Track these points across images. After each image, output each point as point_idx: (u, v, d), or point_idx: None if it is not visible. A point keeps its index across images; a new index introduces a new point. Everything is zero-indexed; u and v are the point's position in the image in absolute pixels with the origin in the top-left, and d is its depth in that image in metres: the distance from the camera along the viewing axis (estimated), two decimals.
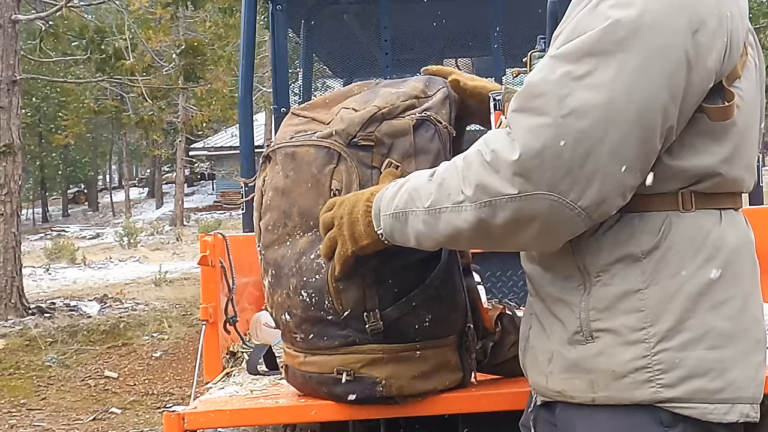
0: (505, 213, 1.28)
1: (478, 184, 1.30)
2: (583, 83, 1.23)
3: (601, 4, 1.27)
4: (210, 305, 2.39)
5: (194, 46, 12.69)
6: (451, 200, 1.34)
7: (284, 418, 2.06)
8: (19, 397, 7.08)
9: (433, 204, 1.37)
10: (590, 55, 1.24)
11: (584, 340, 1.37)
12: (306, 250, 1.82)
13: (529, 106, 1.26)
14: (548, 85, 1.25)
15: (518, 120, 1.27)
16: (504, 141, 1.27)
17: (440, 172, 1.40)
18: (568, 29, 1.30)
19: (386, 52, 4.00)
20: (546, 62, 1.28)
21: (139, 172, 47.63)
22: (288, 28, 4.22)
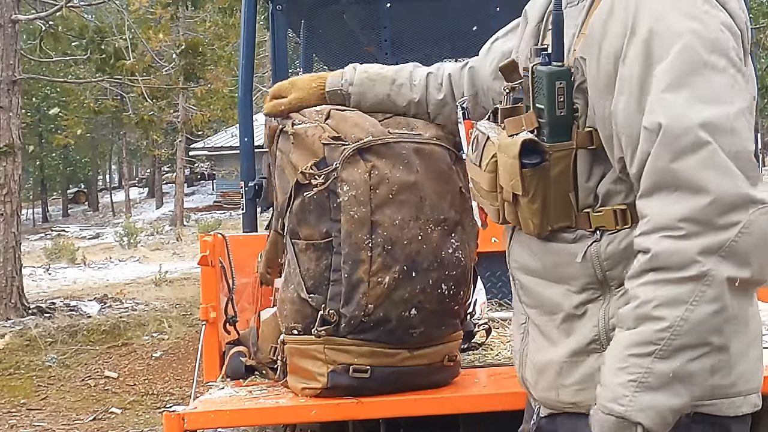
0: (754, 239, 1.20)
1: (701, 251, 1.18)
2: (699, 101, 1.21)
3: (669, 14, 1.25)
4: (210, 305, 2.39)
5: (194, 46, 12.67)
6: (671, 316, 1.19)
7: (284, 418, 2.06)
8: (19, 397, 7.08)
9: (659, 337, 1.21)
10: (695, 73, 1.22)
11: (600, 348, 1.36)
12: (441, 245, 1.95)
13: (677, 148, 1.20)
14: (679, 121, 1.21)
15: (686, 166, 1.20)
16: (691, 201, 1.19)
17: (627, 314, 1.25)
18: (641, 56, 1.26)
19: (386, 52, 4.01)
20: (660, 99, 1.23)
21: (139, 172, 47.62)
22: (288, 28, 4.22)
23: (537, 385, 1.48)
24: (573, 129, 1.35)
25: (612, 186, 1.36)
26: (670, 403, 1.21)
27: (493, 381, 2.19)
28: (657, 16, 1.27)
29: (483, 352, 2.52)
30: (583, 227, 1.38)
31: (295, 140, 1.95)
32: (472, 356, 2.46)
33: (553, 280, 1.43)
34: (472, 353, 2.50)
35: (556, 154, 1.35)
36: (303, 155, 1.94)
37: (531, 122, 1.37)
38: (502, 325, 2.89)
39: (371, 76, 2.00)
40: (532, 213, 1.38)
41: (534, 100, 1.37)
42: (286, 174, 1.98)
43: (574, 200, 1.37)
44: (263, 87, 18.39)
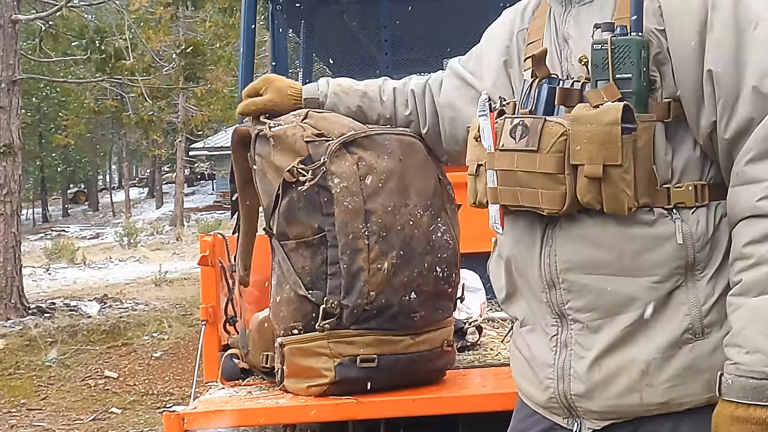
0: None
1: None
2: None
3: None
4: (210, 305, 2.40)
5: (194, 46, 12.67)
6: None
7: (284, 418, 2.06)
8: (19, 397, 7.08)
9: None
10: None
11: (694, 338, 1.34)
12: (431, 229, 2.01)
13: None
14: None
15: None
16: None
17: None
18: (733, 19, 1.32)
19: (386, 52, 4.01)
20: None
21: (139, 172, 47.61)
22: (288, 28, 4.23)
23: (602, 394, 1.39)
24: (650, 101, 1.36)
25: (688, 161, 1.37)
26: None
27: (493, 381, 2.19)
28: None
29: (483, 352, 2.52)
30: (662, 204, 1.36)
31: (276, 142, 1.97)
32: (472, 356, 2.46)
33: (629, 272, 1.37)
34: (472, 353, 2.50)
35: (641, 125, 1.34)
36: (286, 155, 1.96)
37: (613, 93, 1.34)
38: (501, 325, 2.89)
39: (344, 89, 2.08)
40: (627, 184, 1.32)
41: (615, 71, 1.35)
42: (268, 177, 1.99)
43: (656, 174, 1.36)
44: None
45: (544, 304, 1.45)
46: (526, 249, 1.46)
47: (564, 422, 1.45)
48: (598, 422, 1.41)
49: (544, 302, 1.44)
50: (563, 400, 1.42)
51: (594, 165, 1.32)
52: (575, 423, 1.43)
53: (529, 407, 1.52)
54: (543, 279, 1.43)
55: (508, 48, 1.64)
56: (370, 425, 2.21)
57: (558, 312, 1.43)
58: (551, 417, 1.47)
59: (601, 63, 1.37)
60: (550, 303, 1.44)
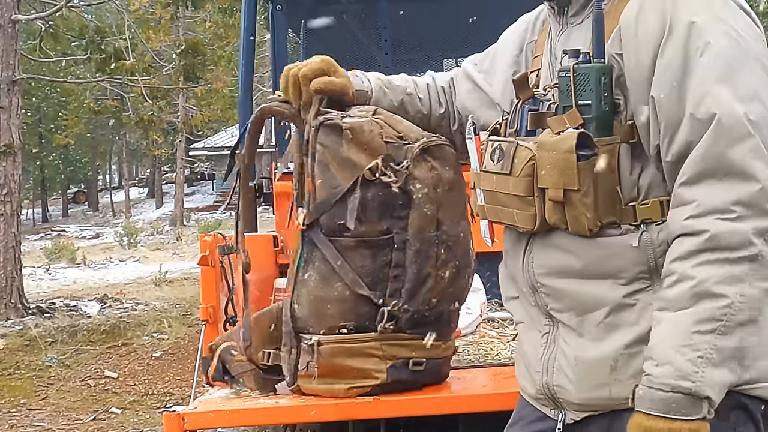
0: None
1: (741, 256, 1.27)
2: (743, 96, 1.31)
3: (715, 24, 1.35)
4: (210, 305, 2.39)
5: (194, 46, 12.67)
6: (733, 291, 1.28)
7: (284, 418, 2.06)
8: (19, 397, 7.07)
9: (718, 314, 1.28)
10: (736, 70, 1.32)
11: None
12: (470, 240, 2.05)
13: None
14: (732, 112, 1.30)
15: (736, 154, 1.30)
16: (743, 187, 1.29)
17: (685, 284, 1.31)
18: (679, 58, 1.35)
19: (386, 52, 4.00)
20: (708, 91, 1.32)
21: (139, 172, 47.61)
22: (288, 28, 4.22)
23: (579, 387, 1.46)
24: (615, 124, 1.42)
25: (654, 178, 1.42)
26: (729, 379, 1.29)
27: (493, 381, 2.19)
28: (694, 13, 1.37)
29: (483, 352, 2.52)
30: (629, 221, 1.42)
31: (353, 135, 1.91)
32: (472, 356, 2.46)
33: (596, 276, 1.44)
34: (472, 353, 2.50)
35: (603, 148, 1.40)
36: (359, 151, 1.91)
37: (575, 119, 1.42)
38: (501, 325, 2.89)
39: (385, 83, 2.00)
40: (586, 207, 1.40)
41: (577, 98, 1.42)
42: (331, 169, 1.93)
43: (620, 194, 1.41)
44: (263, 87, 18.39)
45: (534, 306, 1.54)
46: (515, 256, 1.57)
47: (551, 413, 1.54)
48: (578, 413, 1.49)
49: (533, 305, 1.54)
50: (547, 392, 1.51)
51: (556, 189, 1.41)
52: (560, 413, 1.51)
53: (525, 399, 1.62)
54: (528, 283, 1.54)
55: (518, 58, 1.71)
56: (370, 425, 2.20)
57: (546, 312, 1.52)
58: (541, 408, 1.56)
59: (565, 89, 1.45)
60: (538, 305, 1.53)
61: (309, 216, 1.94)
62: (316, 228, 1.94)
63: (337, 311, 1.94)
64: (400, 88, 1.99)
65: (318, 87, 1.91)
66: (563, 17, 1.56)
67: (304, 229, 1.96)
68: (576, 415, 1.49)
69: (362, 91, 1.97)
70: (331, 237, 1.93)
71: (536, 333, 1.54)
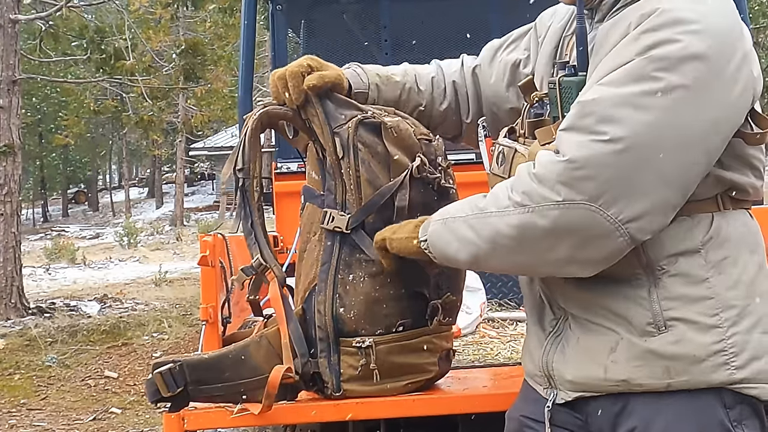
0: (546, 220, 1.37)
1: (524, 191, 1.40)
2: (630, 104, 1.33)
3: (643, 38, 1.37)
4: (210, 305, 2.39)
5: (194, 46, 12.68)
6: (498, 205, 1.45)
7: (284, 418, 2.06)
8: (19, 397, 7.08)
9: (483, 209, 1.47)
10: (637, 79, 1.35)
11: (657, 331, 1.44)
12: None
13: (578, 124, 1.37)
14: (597, 105, 1.36)
15: (567, 137, 1.38)
16: (552, 156, 1.38)
17: (494, 188, 1.50)
18: (612, 58, 1.40)
19: (386, 52, 4.00)
20: (594, 88, 1.39)
21: (139, 172, 47.62)
22: (288, 28, 4.22)
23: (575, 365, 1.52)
24: None
25: None
26: None
27: (493, 381, 2.19)
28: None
29: (483, 352, 2.52)
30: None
31: (395, 133, 1.89)
32: (472, 356, 2.46)
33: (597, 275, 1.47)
34: (472, 353, 2.50)
35: None
36: (396, 149, 1.89)
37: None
38: (502, 325, 2.89)
39: (383, 80, 1.97)
40: None
41: (563, 110, 1.48)
42: (373, 168, 1.89)
43: None
44: (263, 87, 18.39)
45: (544, 299, 1.61)
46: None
47: (544, 392, 1.59)
48: (570, 393, 1.53)
49: (543, 297, 1.61)
50: (545, 369, 1.57)
51: None
52: (552, 392, 1.57)
53: (526, 381, 1.69)
54: (537, 280, 1.61)
55: (557, 51, 1.71)
56: (370, 425, 2.20)
57: (557, 304, 1.58)
58: (535, 386, 1.63)
59: (554, 100, 1.51)
60: (547, 296, 1.60)
61: (355, 218, 1.88)
62: (359, 229, 1.89)
63: (394, 310, 1.91)
64: (399, 84, 1.97)
65: (312, 83, 1.85)
66: (591, 21, 1.58)
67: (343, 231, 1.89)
68: (567, 395, 1.54)
69: (361, 91, 1.94)
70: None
71: (545, 319, 1.60)
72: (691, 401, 1.43)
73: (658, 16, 1.38)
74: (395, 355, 1.92)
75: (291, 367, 1.91)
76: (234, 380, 1.93)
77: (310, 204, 1.98)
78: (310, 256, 1.96)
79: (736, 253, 1.47)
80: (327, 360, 1.92)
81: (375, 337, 1.90)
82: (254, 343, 1.97)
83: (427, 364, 1.97)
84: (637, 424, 1.45)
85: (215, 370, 1.93)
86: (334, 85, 1.89)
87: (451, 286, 1.98)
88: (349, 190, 1.89)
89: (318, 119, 1.90)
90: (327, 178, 1.93)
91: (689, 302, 1.43)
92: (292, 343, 1.92)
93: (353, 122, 1.88)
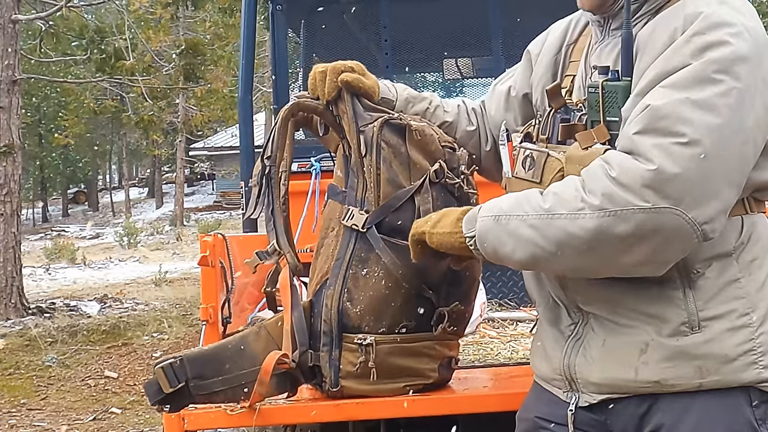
0: (629, 224, 1.36)
1: (604, 194, 1.37)
2: (702, 107, 1.35)
3: (695, 40, 1.40)
4: (210, 305, 2.39)
5: (194, 46, 12.68)
6: (568, 207, 1.41)
7: (284, 418, 2.06)
8: (19, 397, 7.08)
9: (549, 210, 1.42)
10: (702, 82, 1.37)
11: (690, 330, 1.46)
12: None
13: (655, 127, 1.37)
14: (670, 108, 1.36)
15: (645, 141, 1.37)
16: (632, 160, 1.37)
17: (552, 188, 1.46)
18: (665, 61, 1.42)
19: (386, 52, 4.00)
20: (659, 91, 1.39)
21: (139, 172, 47.59)
22: (288, 28, 4.22)
23: (602, 366, 1.51)
24: None
25: None
26: None
27: (493, 381, 2.19)
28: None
29: (483, 352, 2.52)
30: None
31: (420, 136, 1.91)
32: (472, 356, 2.46)
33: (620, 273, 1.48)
34: (472, 353, 2.50)
35: None
36: (419, 153, 1.91)
37: (603, 135, 1.47)
38: (502, 325, 2.89)
39: (412, 95, 2.02)
40: None
41: (605, 114, 1.48)
42: (395, 168, 1.91)
43: None
44: (263, 87, 18.41)
45: (561, 303, 1.60)
46: None
47: (564, 396, 1.58)
48: (594, 395, 1.53)
49: (560, 301, 1.60)
50: (566, 372, 1.56)
51: None
52: (573, 396, 1.56)
53: (538, 384, 1.67)
54: (556, 283, 1.60)
55: (556, 57, 1.75)
56: (370, 425, 2.21)
57: (576, 307, 1.57)
58: (553, 390, 1.61)
59: (594, 105, 1.50)
60: (561, 299, 1.59)
61: (372, 218, 1.90)
62: (374, 228, 1.90)
63: (399, 311, 1.92)
64: (427, 100, 2.02)
65: (347, 79, 1.90)
66: (606, 28, 1.59)
67: (360, 228, 1.91)
68: (591, 397, 1.53)
69: (388, 99, 1.98)
70: (391, 237, 1.89)
71: (561, 322, 1.60)
72: (720, 400, 1.45)
73: (704, 19, 1.41)
74: (395, 357, 1.92)
75: (288, 354, 1.90)
76: (234, 372, 1.93)
77: (332, 201, 2.02)
78: (326, 251, 1.99)
79: (763, 255, 1.51)
80: (328, 354, 1.93)
81: (377, 335, 1.90)
82: (253, 333, 1.98)
83: (427, 369, 1.96)
84: (664, 422, 1.46)
85: (215, 361, 1.94)
86: (367, 93, 1.93)
87: (462, 296, 1.98)
88: (369, 188, 1.91)
89: (347, 116, 1.93)
90: (350, 175, 1.97)
91: (723, 302, 1.46)
92: (293, 332, 1.92)
93: (379, 122, 1.92)
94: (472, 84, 4.98)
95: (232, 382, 1.93)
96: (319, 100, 1.95)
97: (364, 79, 1.92)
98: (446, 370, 2.02)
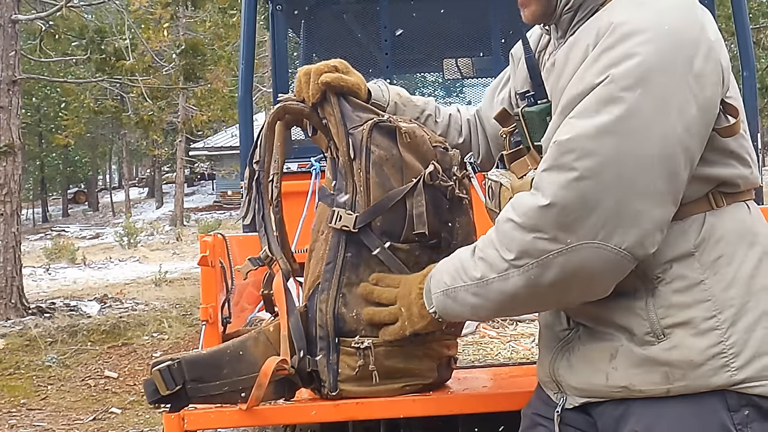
0: (554, 270, 1.36)
1: (519, 249, 1.38)
2: (606, 132, 1.31)
3: (602, 58, 1.36)
4: (210, 305, 2.39)
5: (194, 46, 12.69)
6: (496, 270, 1.43)
7: (284, 418, 2.06)
8: (19, 397, 7.08)
9: (481, 278, 1.46)
10: (606, 104, 1.32)
11: (656, 339, 1.44)
12: None
13: (558, 163, 1.34)
14: (574, 142, 1.33)
15: (549, 178, 1.35)
16: (534, 201, 1.36)
17: (480, 246, 1.49)
18: (576, 84, 1.38)
19: (386, 52, 4.01)
20: (568, 124, 1.36)
21: (139, 172, 47.61)
22: (288, 28, 4.23)
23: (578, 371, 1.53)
24: None
25: None
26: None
27: (493, 381, 2.19)
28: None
29: (483, 352, 2.52)
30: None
31: (410, 138, 1.87)
32: (472, 356, 2.46)
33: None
34: (472, 353, 2.50)
35: None
36: (412, 154, 1.88)
37: (535, 160, 1.47)
38: (501, 325, 2.89)
39: (403, 100, 1.99)
40: None
41: (532, 139, 1.49)
42: (385, 171, 1.87)
43: None
44: (263, 87, 18.41)
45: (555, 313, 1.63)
46: None
47: (554, 397, 1.60)
48: (577, 399, 1.55)
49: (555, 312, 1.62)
50: (553, 375, 1.59)
51: None
52: (561, 398, 1.58)
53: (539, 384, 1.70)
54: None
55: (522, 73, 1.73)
56: (370, 425, 2.20)
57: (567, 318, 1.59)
58: (547, 391, 1.64)
59: (522, 132, 1.52)
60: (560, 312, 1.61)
61: (363, 218, 1.86)
62: (366, 229, 1.87)
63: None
64: (418, 108, 1.99)
65: (326, 80, 1.84)
66: (553, 38, 1.58)
67: (350, 230, 1.87)
68: (574, 400, 1.55)
69: (378, 103, 1.95)
70: (384, 240, 1.87)
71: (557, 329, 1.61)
72: (692, 405, 1.41)
73: (612, 33, 1.36)
74: (394, 359, 1.90)
75: (287, 359, 1.89)
76: (232, 377, 1.91)
77: (322, 203, 1.98)
78: (316, 254, 1.96)
79: (731, 250, 1.44)
80: (326, 359, 1.92)
81: (375, 338, 1.89)
82: (252, 338, 1.97)
83: (426, 370, 1.95)
84: (637, 429, 1.45)
85: (214, 366, 1.92)
86: (351, 90, 1.89)
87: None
88: (359, 191, 1.88)
89: (334, 119, 1.89)
90: (338, 177, 1.93)
91: (685, 307, 1.42)
92: (291, 337, 1.91)
93: (368, 125, 1.87)
94: (472, 84, 4.98)
95: (230, 386, 1.92)
96: (304, 102, 1.91)
97: (346, 77, 1.87)
98: (445, 369, 2.02)
